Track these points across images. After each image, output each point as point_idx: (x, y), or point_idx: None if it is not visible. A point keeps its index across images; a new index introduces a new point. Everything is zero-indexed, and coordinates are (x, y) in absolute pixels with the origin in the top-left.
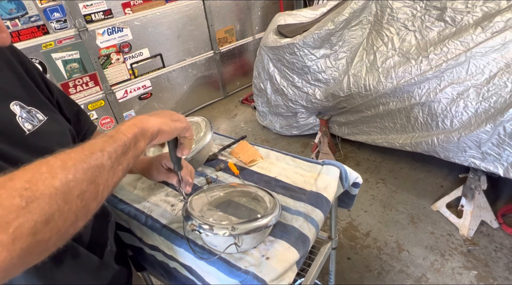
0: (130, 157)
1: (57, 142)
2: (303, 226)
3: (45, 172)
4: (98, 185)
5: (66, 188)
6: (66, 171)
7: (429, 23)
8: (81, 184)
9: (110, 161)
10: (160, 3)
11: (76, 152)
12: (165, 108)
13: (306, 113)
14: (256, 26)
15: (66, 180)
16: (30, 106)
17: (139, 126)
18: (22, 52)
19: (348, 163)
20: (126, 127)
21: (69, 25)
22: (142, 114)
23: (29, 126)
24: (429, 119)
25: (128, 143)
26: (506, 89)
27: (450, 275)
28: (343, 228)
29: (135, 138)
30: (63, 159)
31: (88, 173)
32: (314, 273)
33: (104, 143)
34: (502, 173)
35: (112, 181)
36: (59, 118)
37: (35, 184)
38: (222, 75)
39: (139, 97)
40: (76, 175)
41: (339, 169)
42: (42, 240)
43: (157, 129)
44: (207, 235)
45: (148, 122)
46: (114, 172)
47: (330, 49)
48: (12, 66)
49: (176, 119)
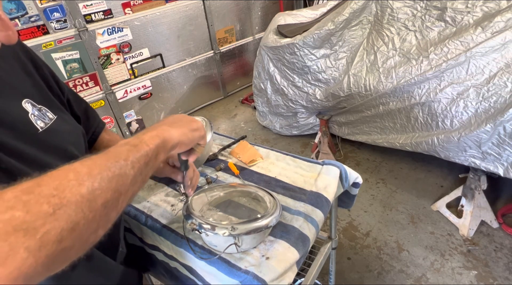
0: (150, 168)
1: (69, 141)
2: (303, 226)
3: (72, 179)
4: (120, 194)
5: (92, 196)
6: (92, 178)
7: (430, 23)
8: (106, 192)
9: (133, 170)
10: (160, 3)
11: (102, 159)
12: (165, 109)
13: (306, 113)
14: (256, 26)
15: (92, 188)
16: (40, 105)
17: (161, 138)
18: (32, 50)
19: (348, 163)
20: (149, 138)
21: (69, 25)
22: (163, 124)
23: (42, 124)
24: (429, 119)
25: (150, 154)
26: (506, 89)
27: (450, 275)
28: (343, 228)
29: (156, 149)
30: (90, 166)
31: (113, 182)
32: (314, 273)
33: (128, 152)
34: (502, 173)
35: (132, 191)
36: (68, 118)
37: (62, 191)
38: (222, 75)
39: (139, 97)
40: (102, 183)
41: (339, 169)
42: (66, 247)
43: (177, 142)
44: (207, 235)
45: (169, 134)
46: (136, 182)
47: (330, 49)
48: (23, 64)
49: (195, 128)
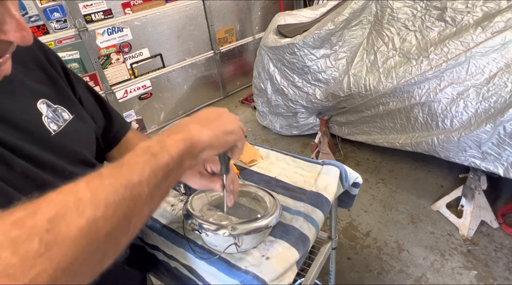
0: (171, 181)
1: (81, 143)
2: (303, 226)
3: (72, 207)
4: (131, 218)
5: (93, 227)
6: (94, 206)
7: (430, 23)
8: (111, 220)
9: (148, 188)
10: (160, 3)
11: (111, 178)
12: (165, 109)
13: (306, 113)
14: (256, 26)
15: (94, 218)
16: (56, 105)
17: (187, 142)
18: (49, 47)
19: (348, 163)
20: (172, 142)
21: (69, 25)
22: (194, 121)
23: (54, 127)
24: (429, 119)
25: (172, 164)
26: (506, 89)
27: (450, 275)
28: (343, 228)
29: (180, 157)
30: (95, 190)
31: (121, 207)
32: (314, 273)
33: (145, 165)
34: (502, 173)
35: (148, 210)
36: (85, 116)
37: (58, 224)
38: (222, 75)
39: (139, 97)
40: (107, 211)
41: (339, 169)
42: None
43: (206, 146)
44: (207, 235)
45: (199, 136)
46: (152, 200)
47: (330, 49)
48: (40, 63)
49: (229, 131)
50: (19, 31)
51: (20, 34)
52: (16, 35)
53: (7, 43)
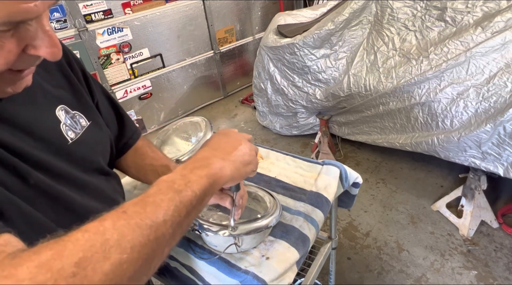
0: (192, 218)
1: (97, 151)
2: (303, 226)
3: (99, 251)
4: (153, 259)
5: (118, 272)
6: (121, 249)
7: (430, 23)
8: (135, 264)
9: (172, 228)
10: (160, 3)
11: (137, 217)
12: (165, 109)
13: (306, 113)
14: (256, 26)
15: (119, 262)
16: (74, 110)
17: (211, 179)
18: (70, 50)
19: (348, 163)
20: (197, 178)
21: (69, 25)
22: (215, 153)
23: (72, 135)
24: (429, 119)
25: (195, 201)
26: (506, 89)
27: (450, 275)
28: (343, 228)
29: (203, 194)
30: (121, 230)
31: (145, 250)
32: (314, 273)
33: (170, 203)
34: (502, 173)
35: (168, 250)
36: (101, 122)
37: (84, 269)
38: (222, 75)
39: (139, 97)
40: (133, 254)
41: (339, 169)
42: None
43: (228, 181)
44: (207, 235)
45: (222, 174)
46: (174, 239)
47: (330, 49)
48: (61, 67)
49: (248, 162)
50: (50, 47)
51: (51, 50)
52: (46, 51)
53: (36, 57)
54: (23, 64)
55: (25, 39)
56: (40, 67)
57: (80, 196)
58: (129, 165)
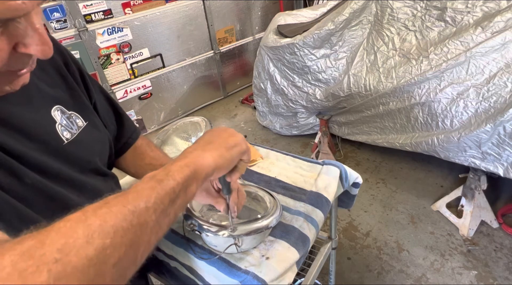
0: (179, 206)
1: (94, 151)
2: (303, 226)
3: (81, 237)
4: (139, 246)
5: (101, 257)
6: (103, 233)
7: (430, 23)
8: (119, 249)
9: (155, 215)
10: (160, 3)
11: (118, 204)
12: (165, 109)
13: (306, 113)
14: (256, 26)
15: (102, 247)
16: (71, 111)
17: (192, 167)
18: (67, 50)
19: (348, 163)
20: (177, 168)
21: (69, 25)
22: (197, 146)
23: (68, 135)
24: (429, 119)
25: (177, 189)
26: (506, 89)
27: (450, 275)
28: (343, 228)
29: (186, 183)
30: (103, 216)
31: (128, 235)
32: (314, 273)
33: (151, 191)
34: (502, 173)
35: (155, 238)
36: (98, 123)
37: (67, 254)
38: (222, 75)
39: (139, 97)
40: (115, 239)
41: (339, 169)
42: None
43: (213, 168)
44: (207, 235)
45: (202, 162)
46: (159, 227)
47: (330, 49)
48: (57, 66)
49: (232, 145)
50: (41, 45)
51: (41, 48)
52: (37, 49)
53: (27, 56)
54: (17, 63)
55: (15, 37)
56: (36, 67)
57: (77, 196)
58: (128, 165)
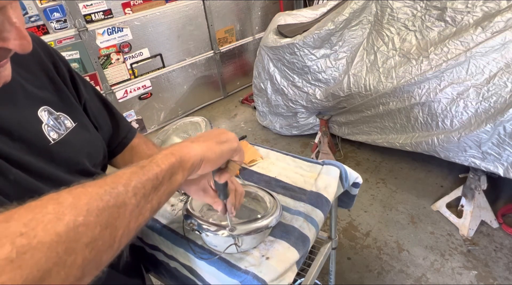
0: (163, 194)
1: (82, 152)
2: (303, 226)
3: (51, 212)
4: (116, 229)
5: (72, 234)
6: (76, 211)
7: (430, 23)
8: (93, 229)
9: (135, 198)
10: (160, 3)
11: (95, 186)
12: (165, 109)
13: (306, 113)
14: (256, 26)
15: (74, 224)
16: (59, 112)
17: (177, 155)
18: (56, 51)
19: (348, 163)
20: (162, 156)
21: (69, 25)
22: (185, 140)
23: (55, 136)
24: (429, 119)
25: (161, 176)
26: (506, 89)
27: (450, 275)
28: (343, 228)
29: (170, 170)
30: (77, 195)
31: (104, 215)
32: (314, 273)
33: (131, 175)
34: (502, 173)
35: (136, 223)
36: (88, 124)
37: (33, 228)
38: (222, 75)
39: (139, 97)
40: (88, 217)
41: (339, 169)
42: None
43: (200, 159)
44: (207, 235)
45: (188, 151)
46: (140, 212)
47: (330, 49)
48: (45, 67)
49: (223, 140)
50: (19, 39)
51: (19, 42)
52: (15, 43)
53: (6, 50)
54: None
55: None
56: (21, 68)
57: None
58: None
